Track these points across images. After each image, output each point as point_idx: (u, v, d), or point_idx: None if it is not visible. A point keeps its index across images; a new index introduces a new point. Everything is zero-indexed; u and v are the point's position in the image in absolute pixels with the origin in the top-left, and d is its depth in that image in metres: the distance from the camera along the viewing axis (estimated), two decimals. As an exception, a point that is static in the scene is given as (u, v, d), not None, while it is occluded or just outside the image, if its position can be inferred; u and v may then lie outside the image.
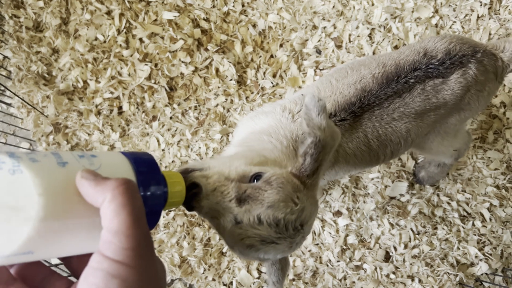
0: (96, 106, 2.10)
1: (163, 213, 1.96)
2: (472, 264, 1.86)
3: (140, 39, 2.12)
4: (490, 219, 1.87)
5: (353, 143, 1.18)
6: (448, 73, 1.13)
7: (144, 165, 0.63)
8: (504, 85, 1.95)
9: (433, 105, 1.16)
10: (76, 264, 0.61)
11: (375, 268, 1.88)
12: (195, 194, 0.80)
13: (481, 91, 1.19)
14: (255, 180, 0.83)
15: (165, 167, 2.04)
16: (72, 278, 0.61)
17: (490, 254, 1.84)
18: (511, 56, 1.21)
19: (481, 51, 1.16)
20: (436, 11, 2.04)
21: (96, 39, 2.13)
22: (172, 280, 1.94)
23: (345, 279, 1.89)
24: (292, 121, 1.13)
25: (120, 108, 2.11)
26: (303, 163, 0.86)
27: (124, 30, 2.12)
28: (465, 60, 1.13)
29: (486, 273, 1.85)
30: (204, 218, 0.84)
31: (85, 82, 2.11)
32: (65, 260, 0.61)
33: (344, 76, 1.19)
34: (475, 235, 1.87)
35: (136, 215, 0.50)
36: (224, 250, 1.94)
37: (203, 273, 1.92)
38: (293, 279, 1.90)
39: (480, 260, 1.84)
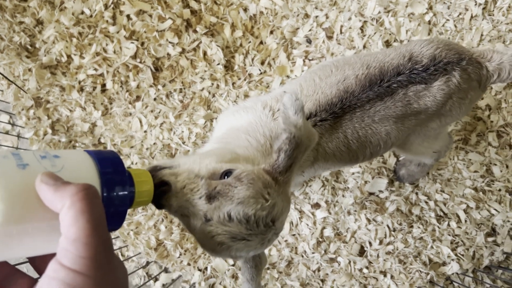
0: (79, 82, 2.05)
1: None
2: (444, 264, 1.89)
3: (128, 16, 2.06)
4: (466, 221, 1.90)
5: (332, 143, 1.17)
6: (431, 79, 1.11)
7: (109, 165, 0.62)
8: (491, 87, 1.94)
9: (414, 110, 1.15)
10: (39, 262, 0.60)
11: (349, 262, 1.90)
12: (164, 192, 0.79)
13: (463, 99, 1.18)
14: (226, 177, 0.82)
15: (147, 149, 2.02)
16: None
17: (462, 255, 1.87)
18: (497, 66, 1.19)
19: (467, 58, 1.15)
20: (430, 8, 2.01)
21: (82, 12, 2.06)
22: (148, 263, 1.95)
23: (318, 270, 1.91)
24: (272, 119, 1.11)
25: (103, 85, 2.06)
26: (276, 159, 0.84)
27: (112, 6, 2.06)
28: (449, 68, 1.12)
29: (457, 273, 1.89)
30: (174, 216, 0.83)
31: (69, 56, 2.06)
32: (29, 257, 0.60)
33: (328, 74, 1.17)
34: (449, 235, 1.89)
35: (95, 223, 0.49)
36: (201, 236, 1.94)
37: (179, 257, 1.93)
38: (268, 268, 1.91)
39: (452, 260, 1.88)
